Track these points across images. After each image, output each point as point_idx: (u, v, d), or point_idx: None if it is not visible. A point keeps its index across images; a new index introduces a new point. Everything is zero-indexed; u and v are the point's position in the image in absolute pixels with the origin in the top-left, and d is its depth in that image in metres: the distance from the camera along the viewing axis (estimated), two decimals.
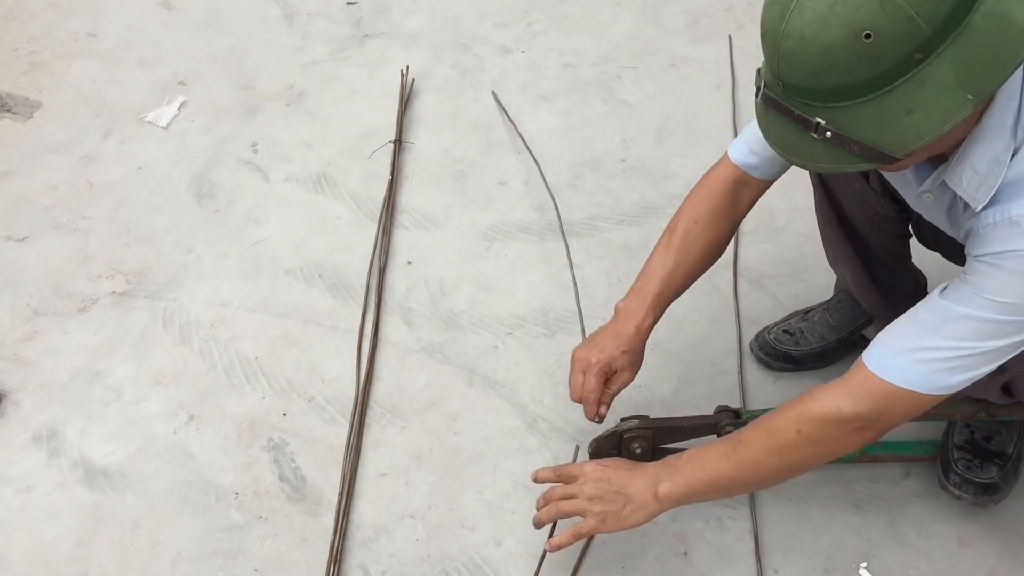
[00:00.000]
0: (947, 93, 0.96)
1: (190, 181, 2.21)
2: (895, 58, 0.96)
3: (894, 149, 1.00)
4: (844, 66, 0.97)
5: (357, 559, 1.55)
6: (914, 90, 0.97)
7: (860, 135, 1.01)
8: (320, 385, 1.80)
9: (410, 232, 2.08)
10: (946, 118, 0.97)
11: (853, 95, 0.99)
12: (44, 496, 1.64)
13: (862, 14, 0.94)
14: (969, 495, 1.53)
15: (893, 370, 1.16)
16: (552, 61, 2.51)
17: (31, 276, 2.00)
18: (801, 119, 1.03)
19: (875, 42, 0.95)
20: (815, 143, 1.04)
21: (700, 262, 1.49)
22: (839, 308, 1.76)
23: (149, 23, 2.67)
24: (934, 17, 0.94)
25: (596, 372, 1.46)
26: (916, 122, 0.98)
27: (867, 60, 0.96)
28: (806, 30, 0.97)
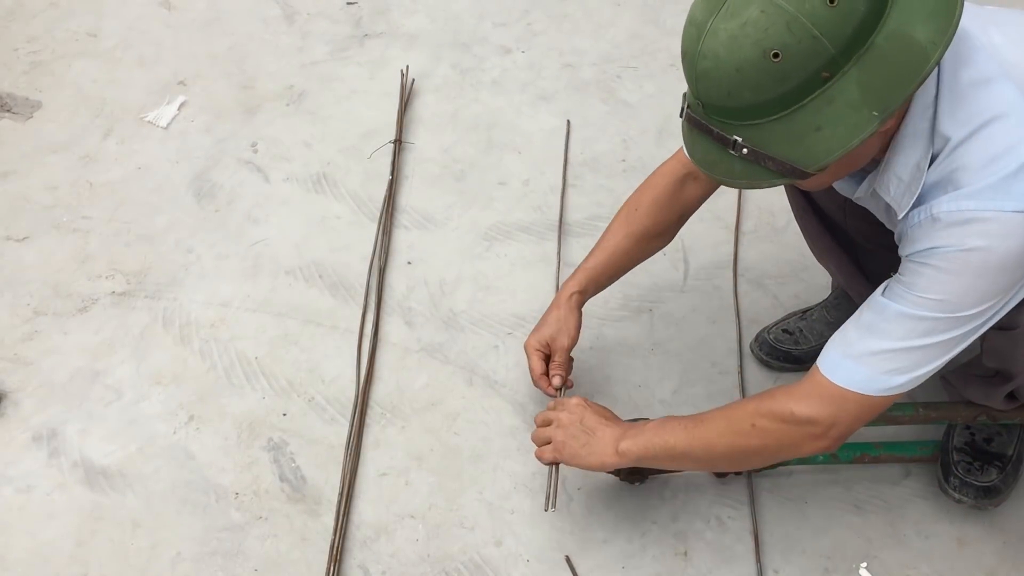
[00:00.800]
0: (853, 110, 1.01)
1: (190, 181, 2.21)
2: (802, 76, 1.00)
3: (805, 164, 1.05)
4: (755, 84, 1.02)
5: (357, 559, 1.55)
6: (823, 107, 1.02)
7: (774, 152, 1.06)
8: (320, 385, 1.80)
9: (410, 232, 2.08)
10: (853, 134, 1.02)
11: (766, 113, 1.04)
12: (44, 496, 1.64)
13: (770, 34, 0.99)
14: (969, 499, 1.53)
15: (841, 373, 1.20)
16: (552, 61, 2.51)
17: (31, 276, 2.00)
18: (720, 137, 1.08)
19: (783, 61, 1.00)
20: (734, 160, 1.09)
21: (637, 245, 1.58)
22: (837, 306, 1.76)
23: (149, 23, 2.67)
24: (838, 37, 0.98)
25: (532, 353, 1.59)
26: (825, 138, 1.03)
27: (776, 78, 1.01)
28: (720, 50, 1.02)
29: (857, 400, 1.19)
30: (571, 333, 1.60)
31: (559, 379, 1.58)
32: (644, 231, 1.57)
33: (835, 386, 1.20)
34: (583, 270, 1.61)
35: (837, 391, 1.20)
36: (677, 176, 1.53)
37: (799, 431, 1.24)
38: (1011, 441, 1.56)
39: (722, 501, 1.60)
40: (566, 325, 1.59)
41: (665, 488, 1.61)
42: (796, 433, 1.24)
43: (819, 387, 1.21)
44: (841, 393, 1.20)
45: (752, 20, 1.00)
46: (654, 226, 1.56)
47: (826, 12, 0.98)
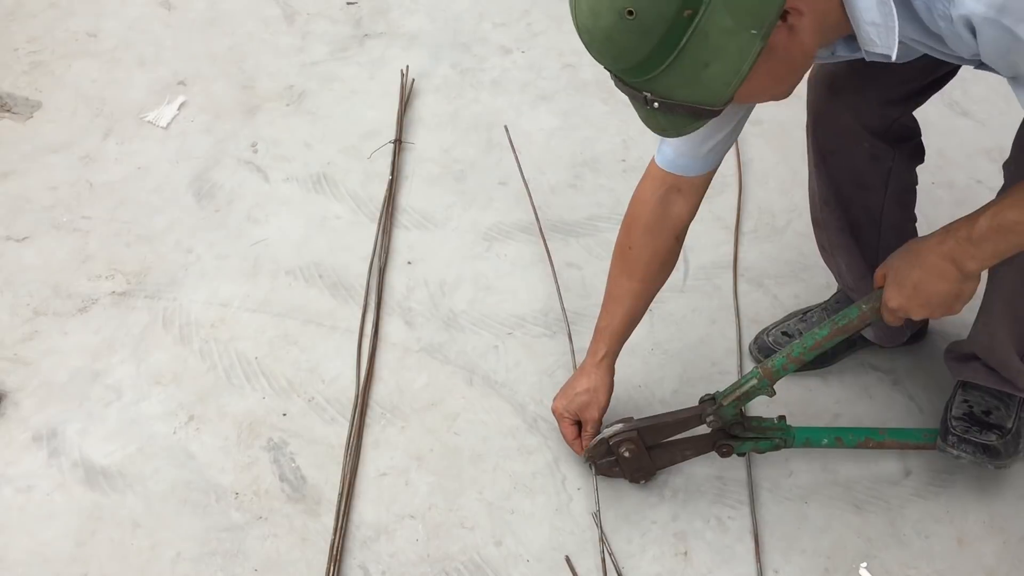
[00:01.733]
0: (731, 36, 1.00)
1: (190, 181, 2.21)
2: (666, 23, 0.99)
3: (712, 102, 1.06)
4: (628, 45, 1.02)
5: (357, 559, 1.55)
6: (701, 43, 1.01)
7: (679, 98, 1.06)
8: (320, 385, 1.80)
9: (410, 232, 2.08)
10: (740, 59, 1.01)
11: (655, 65, 1.03)
12: (44, 496, 1.64)
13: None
14: (968, 453, 1.51)
15: None
16: (552, 61, 2.51)
17: (31, 276, 2.00)
18: (634, 96, 1.10)
19: (639, 16, 0.99)
20: (656, 114, 1.10)
21: (644, 285, 1.54)
22: (837, 308, 1.76)
23: (149, 23, 2.67)
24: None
25: (561, 419, 1.61)
26: (717, 72, 1.03)
27: (641, 34, 1.00)
28: (587, 22, 1.04)
29: None
30: (601, 404, 1.57)
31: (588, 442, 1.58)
32: (646, 266, 1.52)
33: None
34: (604, 330, 1.57)
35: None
36: (658, 196, 1.47)
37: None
38: (1009, 415, 1.55)
39: (722, 501, 1.60)
40: (596, 397, 1.57)
41: (665, 488, 1.61)
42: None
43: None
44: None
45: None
46: (654, 257, 1.51)
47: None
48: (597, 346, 1.59)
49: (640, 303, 1.56)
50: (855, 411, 1.72)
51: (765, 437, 1.55)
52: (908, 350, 1.77)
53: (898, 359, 1.78)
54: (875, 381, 1.76)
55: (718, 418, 1.50)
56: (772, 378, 1.46)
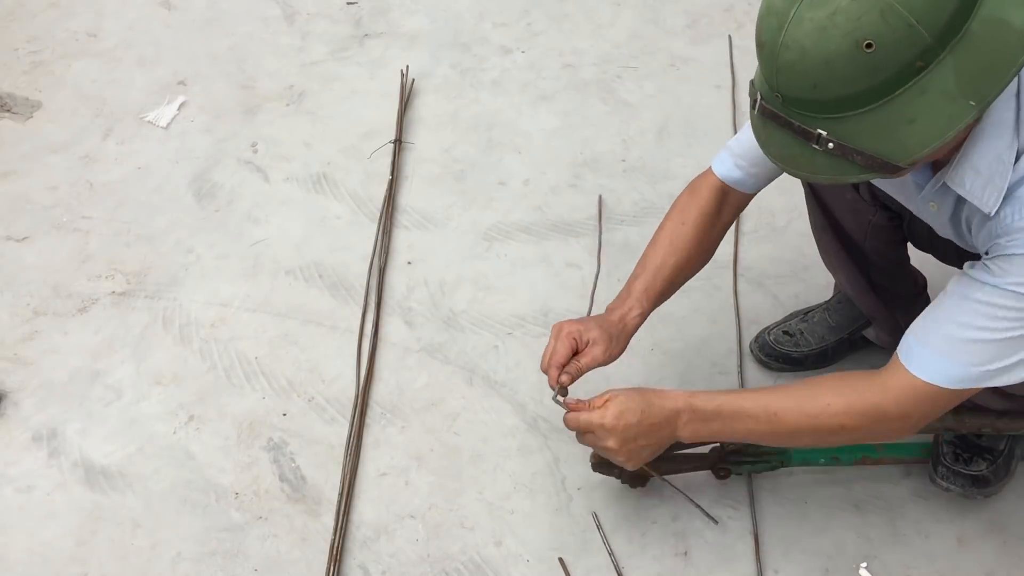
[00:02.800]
0: (949, 100, 0.96)
1: (190, 181, 2.21)
2: (896, 67, 0.95)
3: (897, 158, 1.00)
4: (845, 77, 0.97)
5: (357, 559, 1.55)
6: (916, 98, 0.97)
7: (862, 145, 1.00)
8: (320, 385, 1.80)
9: (410, 232, 2.08)
10: (949, 126, 0.97)
11: (855, 105, 0.99)
12: (44, 496, 1.64)
13: (863, 23, 0.94)
14: (957, 487, 1.52)
15: (935, 373, 1.16)
16: (552, 61, 2.51)
17: (31, 276, 2.00)
18: (802, 131, 1.03)
19: (876, 51, 0.94)
20: (816, 155, 1.03)
21: (688, 262, 1.50)
22: (839, 309, 1.76)
23: (149, 23, 2.67)
24: (935, 24, 0.93)
25: (564, 337, 1.42)
26: (919, 130, 0.98)
27: (868, 70, 0.96)
28: (805, 41, 0.97)
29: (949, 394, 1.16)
30: (614, 353, 1.45)
31: (567, 379, 1.41)
32: (695, 248, 1.49)
33: (923, 383, 1.16)
34: (644, 292, 1.48)
35: (930, 389, 1.16)
36: (715, 194, 1.47)
37: (889, 426, 1.22)
38: (1001, 437, 1.55)
39: (722, 501, 1.60)
40: (614, 344, 1.44)
41: (665, 488, 1.61)
42: (886, 428, 1.23)
43: (908, 384, 1.17)
44: (935, 391, 1.16)
45: (843, 8, 0.94)
46: (703, 242, 1.49)
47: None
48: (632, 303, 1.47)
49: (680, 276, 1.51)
50: None
51: (763, 460, 1.56)
52: None
53: None
54: None
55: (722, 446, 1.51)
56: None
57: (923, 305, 1.73)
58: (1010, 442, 1.56)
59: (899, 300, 1.63)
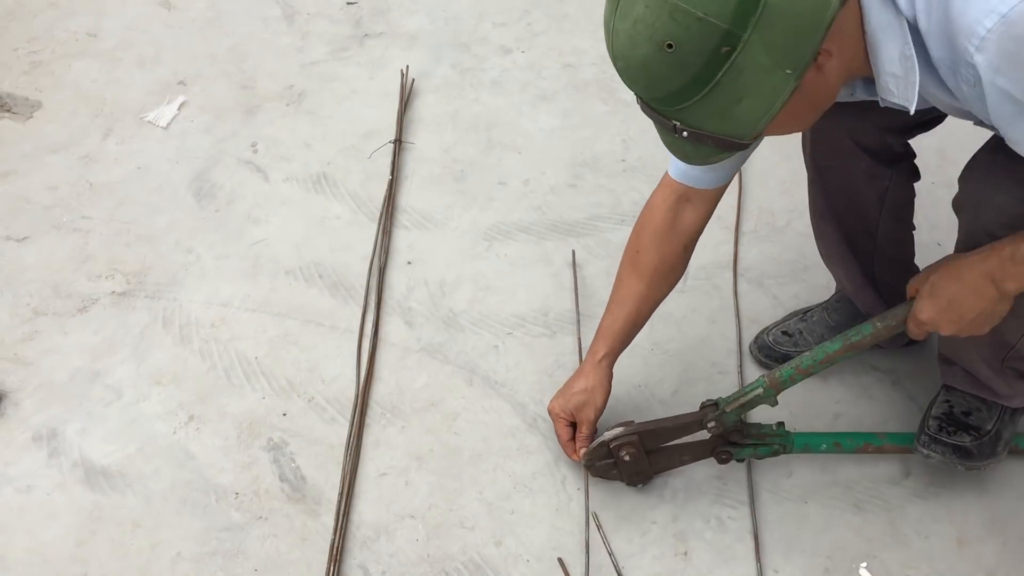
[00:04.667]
0: (766, 74, 1.01)
1: (190, 181, 2.21)
2: (703, 58, 1.00)
3: (741, 135, 1.07)
4: (662, 76, 1.03)
5: (357, 559, 1.55)
6: (735, 79, 1.01)
7: (709, 129, 1.07)
8: (320, 385, 1.80)
9: (410, 232, 2.08)
10: (774, 96, 1.02)
11: (687, 97, 1.04)
12: (44, 496, 1.64)
13: (658, 27, 1.00)
14: (937, 454, 1.51)
15: None
16: (552, 61, 2.51)
17: (31, 276, 2.00)
18: (662, 122, 1.10)
19: (677, 50, 1.00)
20: (683, 142, 1.11)
21: (650, 289, 1.54)
22: (838, 308, 1.76)
23: (149, 23, 2.67)
24: (724, 12, 0.98)
25: (556, 419, 1.60)
26: (749, 107, 1.03)
27: (678, 67, 1.02)
28: (623, 50, 1.05)
29: None
30: (597, 405, 1.56)
31: (585, 450, 1.57)
32: (653, 271, 1.52)
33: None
34: (606, 331, 1.57)
35: None
36: (669, 204, 1.48)
37: None
38: (991, 417, 1.55)
39: (722, 501, 1.60)
40: (593, 397, 1.56)
41: (665, 488, 1.61)
42: None
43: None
44: None
45: (640, 17, 1.01)
46: (661, 263, 1.52)
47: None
48: (597, 346, 1.58)
49: (644, 307, 1.56)
50: (855, 411, 1.72)
51: (764, 443, 1.55)
52: (908, 350, 1.77)
53: (898, 359, 1.78)
54: (875, 381, 1.75)
55: (719, 424, 1.50)
56: (778, 388, 1.46)
57: None
58: (998, 424, 1.55)
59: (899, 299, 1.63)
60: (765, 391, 1.46)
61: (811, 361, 1.43)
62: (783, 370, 1.45)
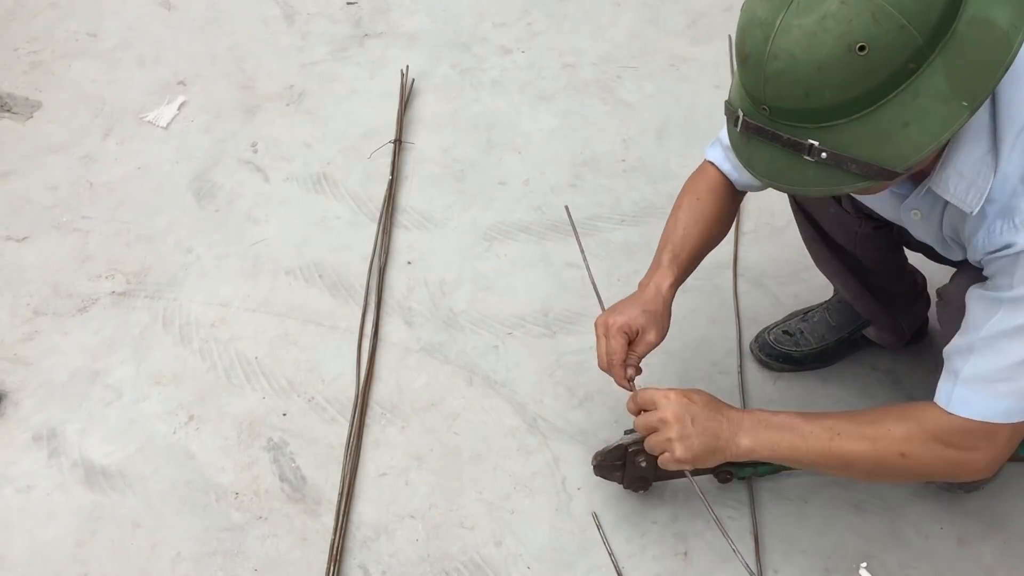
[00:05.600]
0: (942, 102, 0.95)
1: (190, 181, 2.21)
2: (890, 69, 0.94)
3: (894, 164, 0.98)
4: (839, 82, 0.96)
5: (357, 559, 1.55)
6: (909, 101, 0.96)
7: (857, 153, 0.99)
8: (320, 385, 1.80)
9: (410, 232, 2.08)
10: (943, 127, 0.96)
11: (847, 112, 0.97)
12: (44, 496, 1.64)
13: (855, 26, 0.93)
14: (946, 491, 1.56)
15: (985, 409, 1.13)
16: (552, 61, 2.51)
17: (31, 276, 2.00)
18: (791, 143, 1.01)
19: (870, 54, 0.93)
20: (808, 167, 1.02)
21: (709, 229, 1.47)
22: (838, 308, 1.76)
23: (149, 23, 2.67)
24: (925, 25, 0.93)
25: (616, 333, 1.40)
26: (914, 134, 0.97)
27: (863, 73, 0.95)
28: (795, 48, 0.96)
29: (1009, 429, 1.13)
30: (663, 330, 1.43)
31: (633, 371, 1.41)
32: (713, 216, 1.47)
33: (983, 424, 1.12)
34: (673, 262, 1.45)
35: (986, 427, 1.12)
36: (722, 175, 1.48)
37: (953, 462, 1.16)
38: None
39: (722, 501, 1.60)
40: (660, 321, 1.42)
41: (665, 488, 1.61)
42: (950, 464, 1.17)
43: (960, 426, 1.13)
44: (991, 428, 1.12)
45: (832, 13, 0.93)
46: (720, 211, 1.48)
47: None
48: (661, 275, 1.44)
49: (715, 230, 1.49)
50: None
51: (764, 463, 1.55)
52: (908, 350, 1.77)
53: (898, 359, 1.78)
54: (875, 381, 1.75)
55: None
56: None
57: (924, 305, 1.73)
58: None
59: (898, 301, 1.64)
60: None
61: None
62: None
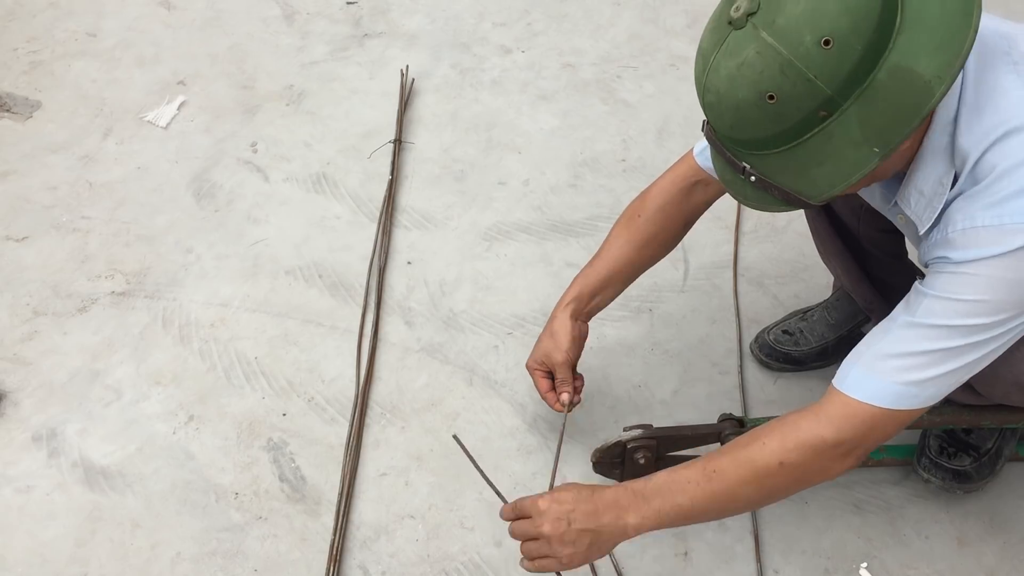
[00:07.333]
0: (854, 147, 1.01)
1: (190, 181, 2.21)
2: (799, 116, 1.00)
3: (810, 196, 1.07)
4: (754, 122, 1.03)
5: (357, 559, 1.55)
6: (823, 144, 1.01)
7: (779, 181, 1.07)
8: (320, 385, 1.80)
9: (410, 232, 2.08)
10: (854, 170, 1.02)
11: (768, 146, 1.04)
12: (44, 496, 1.64)
13: (764, 77, 0.99)
14: (937, 479, 1.53)
15: (868, 391, 1.13)
16: (552, 61, 2.51)
17: (31, 276, 2.00)
18: (731, 161, 1.10)
19: (778, 102, 0.99)
20: (745, 183, 1.11)
21: (639, 253, 1.53)
22: (838, 306, 1.76)
23: (149, 23, 2.67)
24: (834, 78, 0.97)
25: (533, 372, 1.56)
26: (827, 173, 1.03)
27: (773, 118, 1.01)
28: (720, 87, 1.03)
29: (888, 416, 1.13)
30: (563, 347, 1.52)
31: (566, 395, 1.52)
32: (650, 239, 1.52)
33: (864, 405, 1.13)
34: (580, 279, 1.56)
35: (867, 410, 1.13)
36: (687, 182, 1.48)
37: (830, 456, 1.16)
38: (991, 435, 1.55)
39: None
40: (557, 341, 1.53)
41: None
42: (828, 459, 1.16)
43: (846, 409, 1.14)
44: (872, 412, 1.13)
45: (748, 61, 1.00)
46: (660, 233, 1.52)
47: (821, 54, 0.96)
48: (567, 294, 1.56)
49: (628, 270, 1.55)
50: None
51: None
52: None
53: None
54: None
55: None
56: None
57: None
58: (998, 442, 1.56)
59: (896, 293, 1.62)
60: None
61: None
62: None
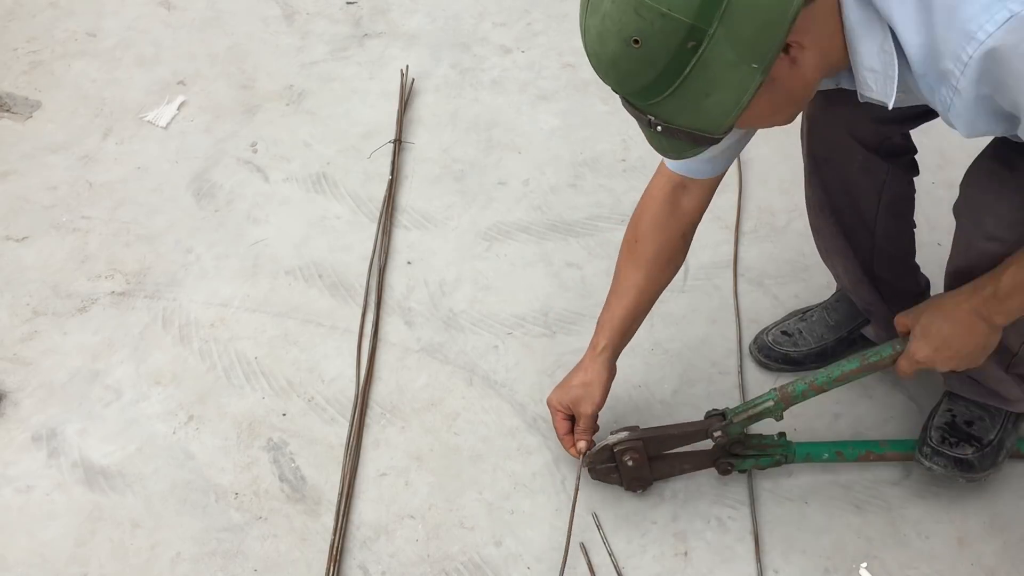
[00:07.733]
0: (732, 69, 1.01)
1: (190, 181, 2.21)
2: (669, 53, 1.01)
3: (711, 130, 1.07)
4: (632, 71, 1.04)
5: (357, 559, 1.55)
6: (702, 74, 1.02)
7: (680, 124, 1.08)
8: (320, 385, 1.80)
9: (410, 232, 2.08)
10: (741, 92, 1.02)
11: (658, 92, 1.05)
12: (44, 496, 1.64)
13: (624, 23, 1.00)
14: (939, 467, 1.52)
15: None
16: (552, 61, 2.51)
17: (31, 276, 2.00)
18: (638, 115, 1.11)
19: (644, 45, 1.00)
20: (658, 136, 1.12)
21: (650, 278, 1.53)
22: (837, 307, 1.76)
23: (149, 23, 2.67)
24: (688, 7, 0.98)
25: (554, 412, 1.57)
26: (718, 102, 1.04)
27: (646, 62, 1.02)
28: (595, 46, 1.06)
29: None
30: (595, 400, 1.52)
31: (584, 444, 1.53)
32: (652, 260, 1.51)
33: None
34: (605, 324, 1.54)
35: None
36: (666, 193, 1.48)
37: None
38: (993, 427, 1.55)
39: (722, 501, 1.60)
40: (591, 391, 1.52)
41: (665, 488, 1.61)
42: None
43: None
44: None
45: (607, 13, 1.01)
46: (660, 251, 1.50)
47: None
48: (597, 339, 1.55)
49: (644, 298, 1.54)
50: (855, 411, 1.72)
51: (766, 454, 1.55)
52: None
53: None
54: (875, 381, 1.75)
55: (725, 435, 1.49)
56: (788, 403, 1.47)
57: None
58: (1000, 433, 1.55)
59: (898, 297, 1.62)
60: (775, 404, 1.47)
61: (826, 378, 1.44)
62: (796, 385, 1.46)
